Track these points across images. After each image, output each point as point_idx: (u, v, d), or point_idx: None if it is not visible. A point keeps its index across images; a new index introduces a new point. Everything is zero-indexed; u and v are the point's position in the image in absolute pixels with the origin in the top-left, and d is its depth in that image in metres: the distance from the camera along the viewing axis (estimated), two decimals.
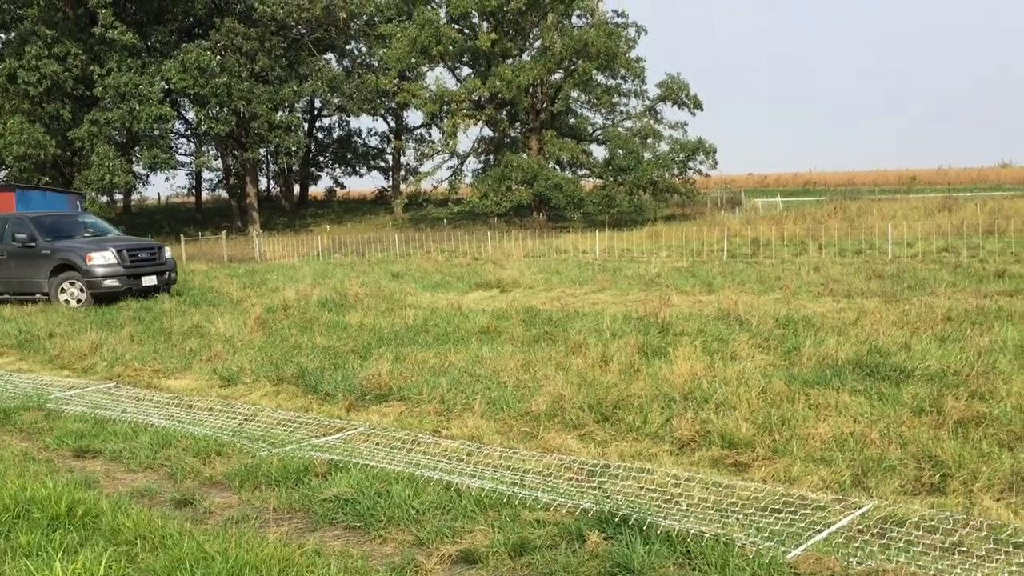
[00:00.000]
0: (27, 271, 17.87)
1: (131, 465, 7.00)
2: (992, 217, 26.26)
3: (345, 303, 15.65)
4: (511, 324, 12.45)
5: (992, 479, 5.58)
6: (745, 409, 7.23)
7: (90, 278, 17.36)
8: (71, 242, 18.30)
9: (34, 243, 17.87)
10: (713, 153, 40.90)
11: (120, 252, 17.85)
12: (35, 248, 17.85)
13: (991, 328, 10.35)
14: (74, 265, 17.48)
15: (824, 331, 10.72)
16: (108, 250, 17.75)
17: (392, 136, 57.02)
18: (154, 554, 4.89)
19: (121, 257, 17.80)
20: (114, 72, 37.17)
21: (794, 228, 26.98)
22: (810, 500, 5.48)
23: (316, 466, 6.49)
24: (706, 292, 16.11)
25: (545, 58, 39.92)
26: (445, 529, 5.23)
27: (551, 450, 6.82)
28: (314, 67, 44.04)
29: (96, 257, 17.51)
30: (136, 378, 10.43)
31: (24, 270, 17.91)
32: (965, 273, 16.74)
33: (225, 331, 12.84)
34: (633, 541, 4.81)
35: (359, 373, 9.43)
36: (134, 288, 17.89)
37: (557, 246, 27.61)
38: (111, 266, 17.59)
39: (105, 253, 17.66)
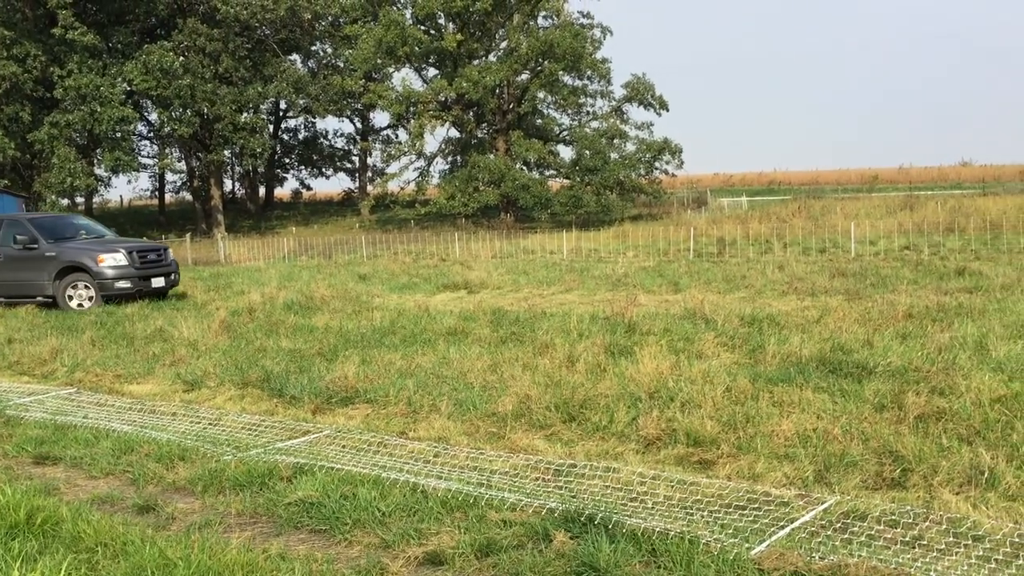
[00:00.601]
0: (27, 273, 17.54)
1: (92, 471, 6.90)
2: (952, 215, 26.68)
3: (311, 305, 15.55)
4: (478, 325, 12.43)
5: (952, 473, 5.65)
6: (710, 407, 7.27)
7: (101, 280, 17.17)
8: (77, 244, 18.09)
9: (36, 245, 17.57)
10: (679, 153, 41.24)
11: (131, 253, 17.70)
12: (37, 250, 17.54)
13: (951, 325, 10.50)
14: (84, 267, 17.26)
15: (788, 329, 10.81)
16: (119, 252, 17.59)
17: (358, 137, 56.83)
18: (115, 561, 4.83)
19: (132, 258, 17.63)
20: (75, 73, 36.70)
21: (759, 227, 27.22)
22: (774, 496, 5.53)
23: (281, 470, 6.43)
24: (672, 291, 16.20)
25: (511, 59, 39.98)
26: (411, 531, 5.21)
27: (518, 450, 6.82)
28: (279, 68, 43.77)
29: (107, 259, 17.33)
30: (98, 383, 10.28)
31: (24, 272, 17.56)
32: (926, 271, 16.98)
33: (189, 335, 12.70)
34: (599, 540, 4.82)
35: (325, 376, 9.36)
36: (144, 290, 17.75)
37: (524, 247, 27.63)
38: (122, 267, 17.43)
39: (116, 255, 17.48)
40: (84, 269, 17.26)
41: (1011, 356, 8.53)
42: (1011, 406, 6.84)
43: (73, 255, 17.45)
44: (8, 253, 17.72)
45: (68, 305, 17.15)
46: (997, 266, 16.94)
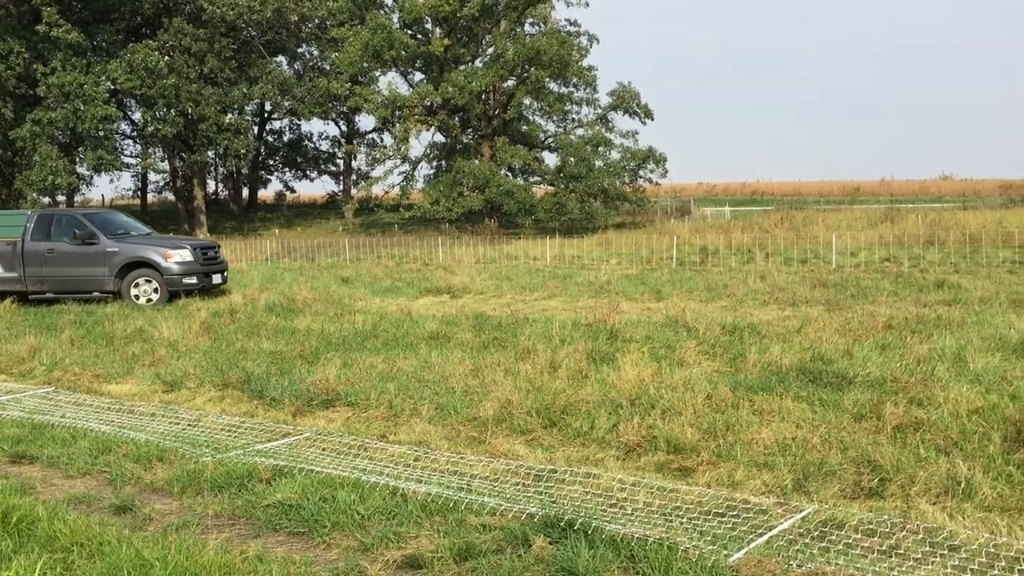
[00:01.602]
0: (85, 269, 17.63)
1: (69, 471, 6.85)
2: (933, 228, 26.89)
3: (293, 308, 15.49)
4: (461, 330, 12.43)
5: (929, 483, 5.70)
6: (691, 415, 7.30)
7: (169, 276, 17.41)
8: (140, 240, 18.42)
9: (95, 240, 17.67)
10: (663, 162, 41.35)
11: (195, 250, 18.01)
12: (97, 245, 17.64)
13: (930, 336, 10.58)
14: (151, 263, 17.47)
15: (769, 338, 10.87)
16: (185, 248, 17.90)
17: (343, 140, 56.67)
18: (91, 561, 4.79)
19: (196, 255, 17.91)
20: (58, 71, 36.45)
21: (742, 237, 27.35)
22: (752, 504, 5.55)
23: (260, 472, 6.41)
24: (655, 299, 16.24)
25: (498, 65, 40.01)
26: (390, 534, 5.20)
27: (498, 455, 6.82)
28: (264, 69, 43.59)
29: (175, 255, 17.59)
30: (76, 383, 10.21)
31: (80, 268, 17.65)
32: (906, 283, 17.11)
33: (169, 335, 12.64)
34: (578, 545, 4.82)
35: (306, 378, 9.33)
36: (207, 286, 18.05)
37: (508, 252, 27.64)
38: (188, 264, 17.70)
39: (183, 251, 17.75)
40: (151, 265, 17.50)
41: (988, 368, 8.61)
42: (988, 417, 6.90)
43: (139, 251, 17.72)
44: (62, 248, 17.75)
45: (132, 300, 17.31)
46: (976, 279, 17.09)
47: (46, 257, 17.75)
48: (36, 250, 17.78)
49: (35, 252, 17.77)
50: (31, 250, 17.78)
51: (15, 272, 17.80)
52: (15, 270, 17.80)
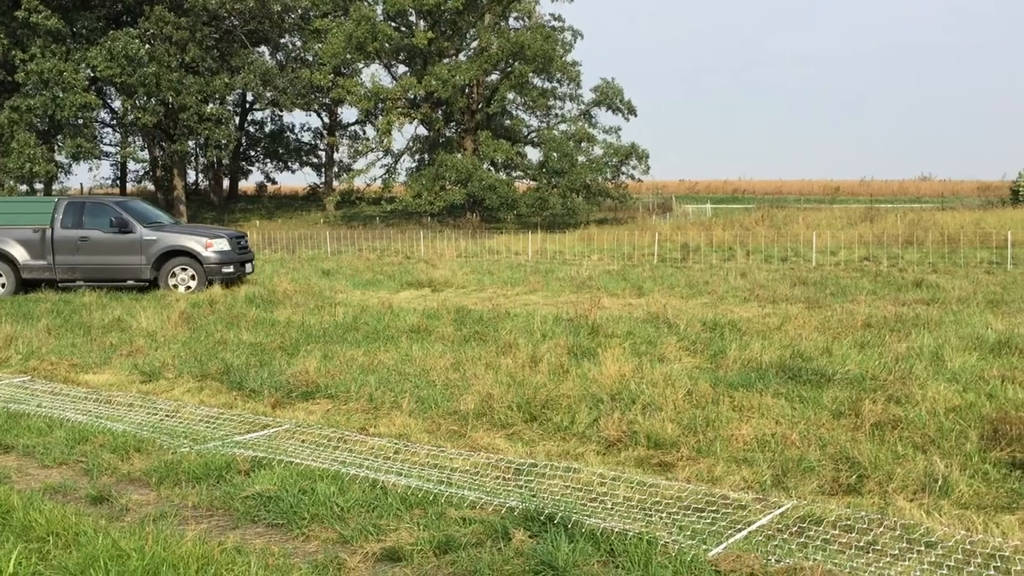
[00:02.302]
0: (120, 257, 17.58)
1: (45, 460, 6.79)
2: (911, 228, 27.10)
3: (273, 299, 15.42)
4: (442, 323, 12.41)
5: (906, 480, 5.74)
6: (671, 410, 7.32)
7: (209, 264, 17.56)
8: (177, 229, 18.66)
9: (131, 229, 17.61)
10: (646, 158, 41.45)
11: (231, 239, 18.20)
12: (133, 234, 17.58)
13: (908, 335, 10.66)
14: (190, 252, 17.56)
15: (749, 335, 10.91)
16: (223, 238, 18.12)
17: (325, 132, 56.41)
18: (67, 551, 4.75)
19: (232, 244, 18.10)
20: (37, 58, 36.04)
21: (723, 234, 27.45)
22: (732, 499, 5.57)
23: (239, 463, 6.37)
24: (636, 295, 16.28)
25: (481, 59, 39.95)
26: (370, 527, 5.18)
27: (479, 449, 6.81)
28: (247, 60, 43.30)
29: (215, 244, 17.76)
30: (53, 372, 10.11)
31: (116, 256, 17.59)
32: (885, 281, 17.23)
33: (147, 326, 12.54)
34: (558, 539, 4.82)
35: (286, 370, 9.29)
36: (241, 275, 18.32)
37: (490, 247, 27.62)
38: (226, 253, 17.92)
39: (220, 240, 17.94)
40: (190, 254, 17.59)
41: (966, 367, 8.68)
42: (965, 416, 6.96)
43: (179, 240, 17.79)
44: (96, 237, 17.63)
45: (170, 288, 17.36)
46: (954, 279, 17.23)
47: (78, 245, 17.64)
48: (67, 237, 17.65)
49: (66, 240, 17.64)
50: (62, 237, 17.65)
51: (44, 260, 17.67)
52: (44, 258, 17.67)
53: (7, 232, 17.70)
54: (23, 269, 17.63)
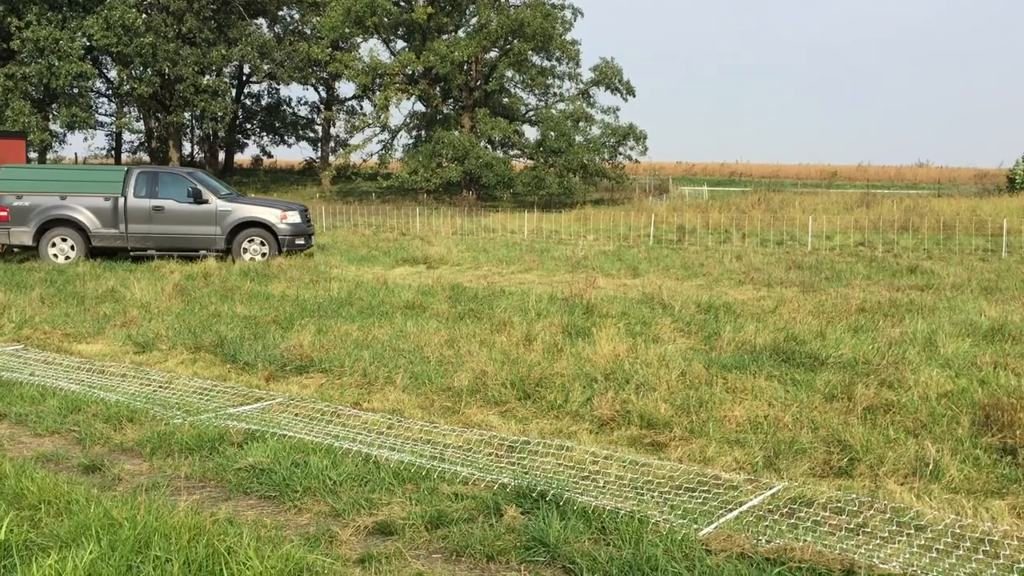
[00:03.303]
0: (195, 227, 17.73)
1: (38, 429, 6.78)
2: (907, 214, 27.09)
3: (268, 273, 15.39)
4: (437, 300, 12.40)
5: (897, 464, 5.76)
6: (665, 390, 7.33)
7: (283, 236, 17.83)
8: (251, 200, 19.04)
9: (206, 199, 17.73)
10: (643, 139, 41.30)
11: (302, 212, 18.60)
12: (208, 205, 17.72)
13: (902, 320, 10.68)
14: (266, 224, 17.81)
15: (744, 318, 10.93)
16: (296, 210, 18.41)
17: (322, 106, 56.11)
18: (59, 519, 4.75)
19: (302, 217, 18.47)
20: (33, 25, 35.76)
21: (719, 217, 27.43)
22: (723, 480, 5.59)
23: (232, 435, 6.37)
24: (631, 276, 16.28)
25: (481, 35, 39.70)
26: (362, 501, 5.19)
27: (472, 425, 6.82)
28: (244, 31, 43.00)
29: (289, 216, 18.04)
30: (46, 341, 10.09)
31: (191, 226, 17.73)
32: (880, 267, 17.25)
33: (141, 297, 12.52)
34: (550, 516, 4.84)
35: (280, 344, 9.29)
36: (308, 246, 18.69)
37: (486, 225, 27.57)
38: (298, 225, 18.17)
39: (294, 213, 18.24)
40: (265, 225, 17.82)
41: (959, 353, 8.70)
42: (957, 401, 6.99)
43: (254, 211, 18.05)
44: (171, 207, 17.72)
45: (242, 258, 17.52)
46: (948, 266, 17.26)
47: (152, 214, 17.70)
48: (141, 207, 17.71)
49: (140, 209, 17.71)
50: (135, 206, 17.71)
51: (116, 228, 17.72)
52: (116, 226, 17.71)
53: (77, 199, 17.74)
54: (93, 237, 17.73)
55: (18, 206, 17.63)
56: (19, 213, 17.61)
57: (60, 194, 17.73)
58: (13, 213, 17.62)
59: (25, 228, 17.60)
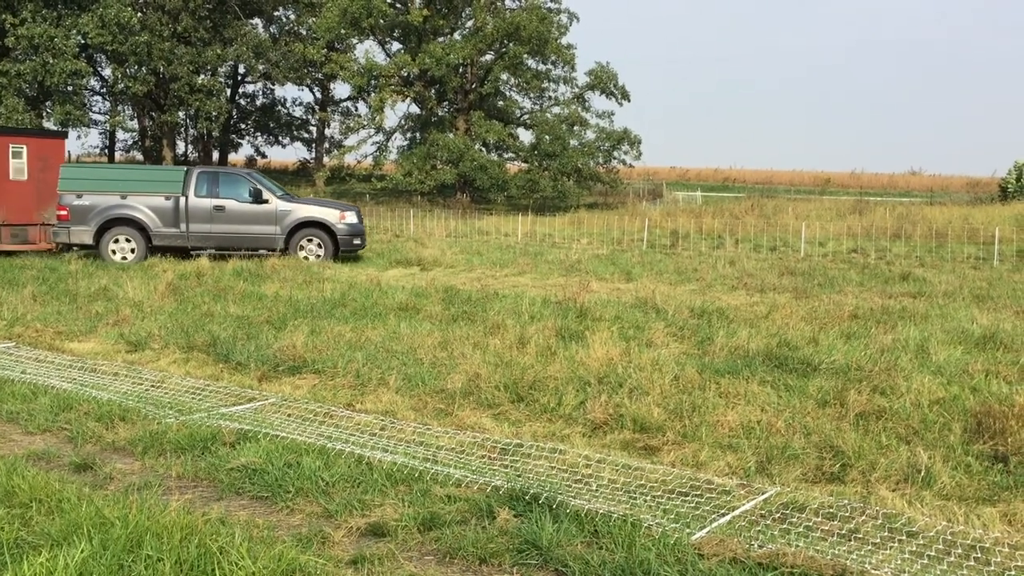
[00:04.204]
0: (256, 227, 17.88)
1: (29, 427, 6.76)
2: (900, 222, 27.18)
3: (261, 273, 15.36)
4: (430, 302, 12.40)
5: (889, 470, 5.78)
6: (658, 395, 7.34)
7: (341, 236, 18.08)
8: (309, 201, 19.39)
9: (266, 199, 17.85)
10: (638, 144, 41.34)
11: (358, 212, 18.93)
12: (268, 204, 17.84)
13: (894, 327, 10.71)
14: (324, 224, 17.96)
15: (737, 323, 10.94)
16: (353, 211, 18.59)
17: (317, 107, 56.01)
18: (50, 517, 4.73)
19: (358, 218, 18.74)
20: (28, 23, 35.64)
21: (712, 222, 27.48)
22: (716, 484, 5.60)
23: (224, 435, 6.36)
24: (625, 280, 16.30)
25: (476, 38, 39.71)
26: (355, 502, 5.19)
27: (465, 428, 6.82)
28: (240, 31, 42.95)
29: (347, 216, 18.20)
30: (37, 339, 10.06)
31: (251, 225, 17.88)
32: (872, 274, 17.30)
33: (134, 295, 12.49)
34: (543, 519, 4.84)
35: (273, 344, 9.27)
36: (362, 247, 18.87)
37: (479, 227, 27.57)
38: (355, 225, 18.42)
39: (351, 213, 18.43)
40: (323, 225, 17.94)
41: (951, 360, 8.73)
42: (949, 408, 7.01)
43: (313, 212, 18.25)
44: (232, 206, 17.83)
45: (299, 259, 17.60)
46: (940, 273, 17.32)
47: (213, 214, 17.77)
48: (202, 206, 17.83)
49: (201, 208, 17.83)
50: (196, 206, 17.82)
51: (176, 227, 17.80)
52: (176, 225, 17.79)
53: (138, 199, 17.81)
54: (154, 236, 17.83)
55: (78, 205, 17.74)
56: (79, 212, 17.71)
57: (120, 193, 17.84)
58: (73, 212, 17.73)
59: (85, 227, 17.72)
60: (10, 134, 19.65)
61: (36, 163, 19.00)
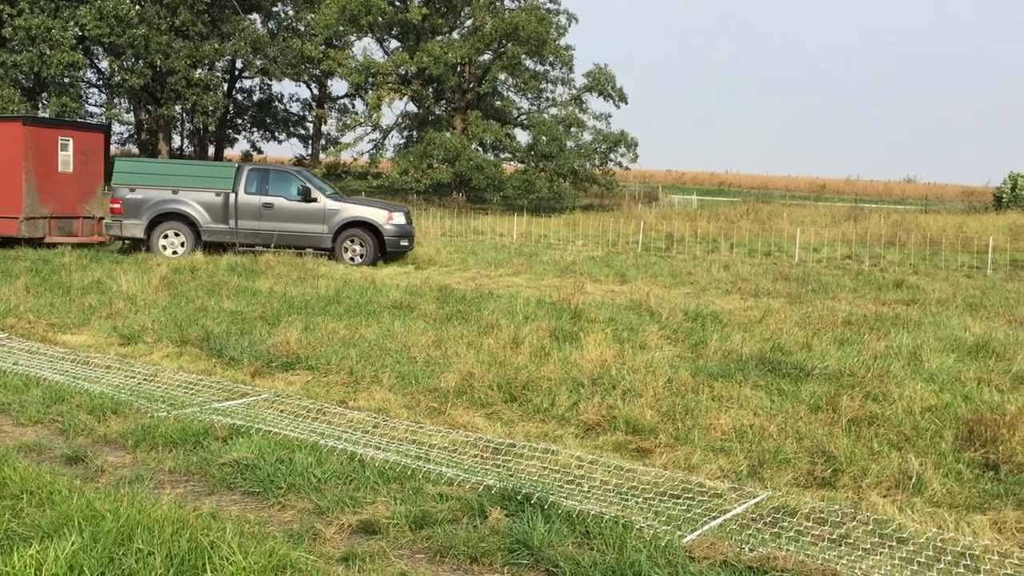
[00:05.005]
0: (304, 225, 17.81)
1: (20, 419, 6.74)
2: (894, 229, 27.24)
3: (256, 269, 15.33)
4: (424, 301, 12.39)
5: (880, 476, 5.79)
6: (651, 397, 7.35)
7: (388, 237, 17.82)
8: (358, 200, 19.25)
9: (315, 198, 17.79)
10: (635, 147, 41.35)
11: (406, 214, 18.66)
12: (317, 203, 17.77)
13: (887, 334, 10.73)
14: (371, 223, 17.79)
15: (731, 327, 10.96)
16: (401, 212, 18.40)
17: (314, 104, 55.96)
18: (40, 509, 4.72)
19: (407, 219, 18.50)
20: (25, 13, 35.54)
21: (707, 226, 27.52)
22: (708, 487, 5.61)
23: (217, 430, 6.35)
24: (619, 282, 16.31)
25: (475, 38, 39.69)
26: (346, 499, 5.18)
27: (458, 427, 6.82)
28: (238, 26, 42.86)
29: (395, 217, 18.01)
30: (30, 331, 10.03)
31: (299, 224, 17.82)
32: (866, 280, 17.34)
33: (128, 289, 12.46)
34: (534, 519, 4.84)
35: (267, 340, 9.26)
36: (410, 248, 18.61)
37: (475, 227, 27.57)
38: (402, 226, 18.16)
39: (399, 214, 18.23)
40: (370, 225, 17.75)
41: (943, 368, 8.75)
42: (941, 416, 7.03)
43: (360, 211, 18.06)
44: (281, 204, 17.81)
45: (343, 258, 17.60)
46: (934, 281, 17.37)
47: (261, 211, 17.78)
48: (251, 203, 17.84)
49: (250, 205, 17.84)
50: (245, 203, 17.84)
51: (226, 224, 17.83)
52: (226, 222, 17.82)
53: (189, 194, 17.87)
54: (203, 232, 17.85)
55: (131, 199, 17.85)
56: (132, 206, 17.80)
57: (172, 188, 17.91)
58: (126, 206, 17.83)
59: (137, 221, 17.81)
60: (58, 126, 19.70)
61: (79, 156, 19.12)
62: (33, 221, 18.06)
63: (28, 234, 17.98)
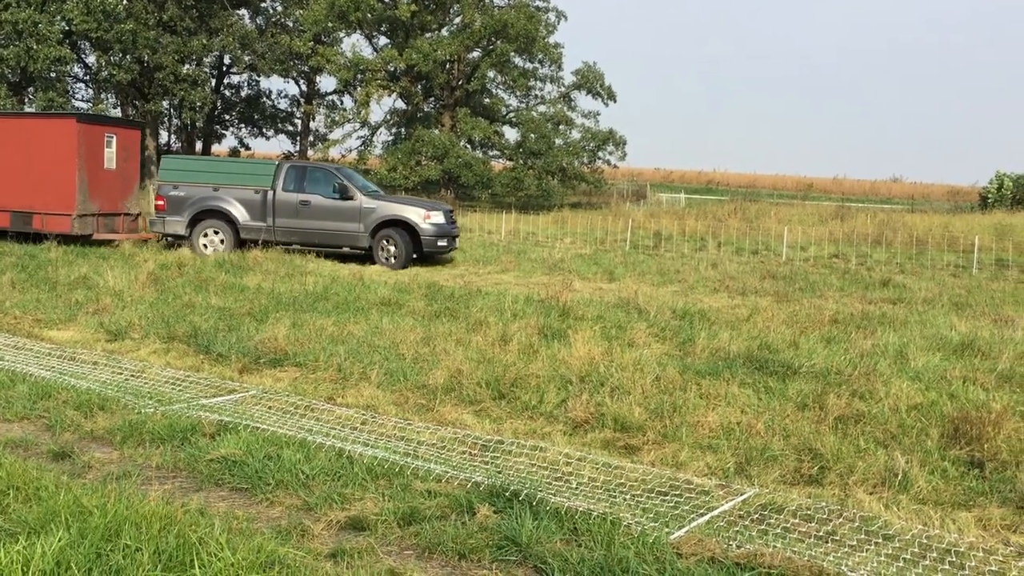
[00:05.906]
0: (340, 223, 17.51)
1: (6, 415, 6.70)
2: (881, 228, 27.36)
3: (243, 265, 15.29)
4: (413, 298, 12.38)
5: (867, 474, 5.82)
6: (639, 394, 7.37)
7: (426, 237, 17.37)
8: (396, 199, 18.81)
9: (352, 196, 17.51)
10: (623, 145, 41.40)
11: (446, 213, 18.11)
12: (354, 201, 17.47)
13: (874, 332, 10.79)
14: (409, 223, 17.33)
15: (718, 325, 10.99)
16: (440, 211, 17.94)
17: (302, 100, 55.72)
18: (27, 505, 4.70)
19: (447, 218, 17.99)
20: (12, 7, 35.28)
21: (695, 224, 27.57)
22: (695, 485, 5.63)
23: (204, 426, 6.33)
24: (607, 280, 16.33)
25: (464, 35, 39.66)
26: (335, 495, 5.18)
27: (446, 424, 6.82)
28: (226, 21, 42.66)
29: (433, 216, 17.58)
30: (16, 326, 9.97)
31: (336, 222, 17.53)
32: (853, 279, 17.42)
33: (115, 284, 12.40)
34: (522, 515, 4.85)
35: (254, 336, 9.24)
36: (451, 249, 18.25)
37: (463, 224, 27.51)
38: (442, 226, 17.68)
39: (437, 213, 17.78)
40: (407, 224, 17.35)
41: (929, 366, 8.81)
42: (927, 414, 7.07)
43: (397, 210, 17.61)
44: (318, 201, 17.60)
45: (380, 259, 17.29)
46: (920, 280, 17.46)
47: (298, 209, 17.62)
48: (288, 201, 17.68)
49: (287, 203, 17.67)
50: (283, 200, 17.68)
51: (264, 221, 17.70)
52: (264, 219, 17.69)
53: (229, 191, 17.79)
54: (242, 229, 17.74)
55: (174, 196, 17.85)
56: (175, 203, 17.81)
57: (214, 185, 17.84)
58: (170, 203, 17.84)
59: (179, 218, 17.81)
60: (104, 123, 19.57)
61: (121, 152, 19.03)
62: (84, 218, 17.97)
63: (80, 231, 17.89)
